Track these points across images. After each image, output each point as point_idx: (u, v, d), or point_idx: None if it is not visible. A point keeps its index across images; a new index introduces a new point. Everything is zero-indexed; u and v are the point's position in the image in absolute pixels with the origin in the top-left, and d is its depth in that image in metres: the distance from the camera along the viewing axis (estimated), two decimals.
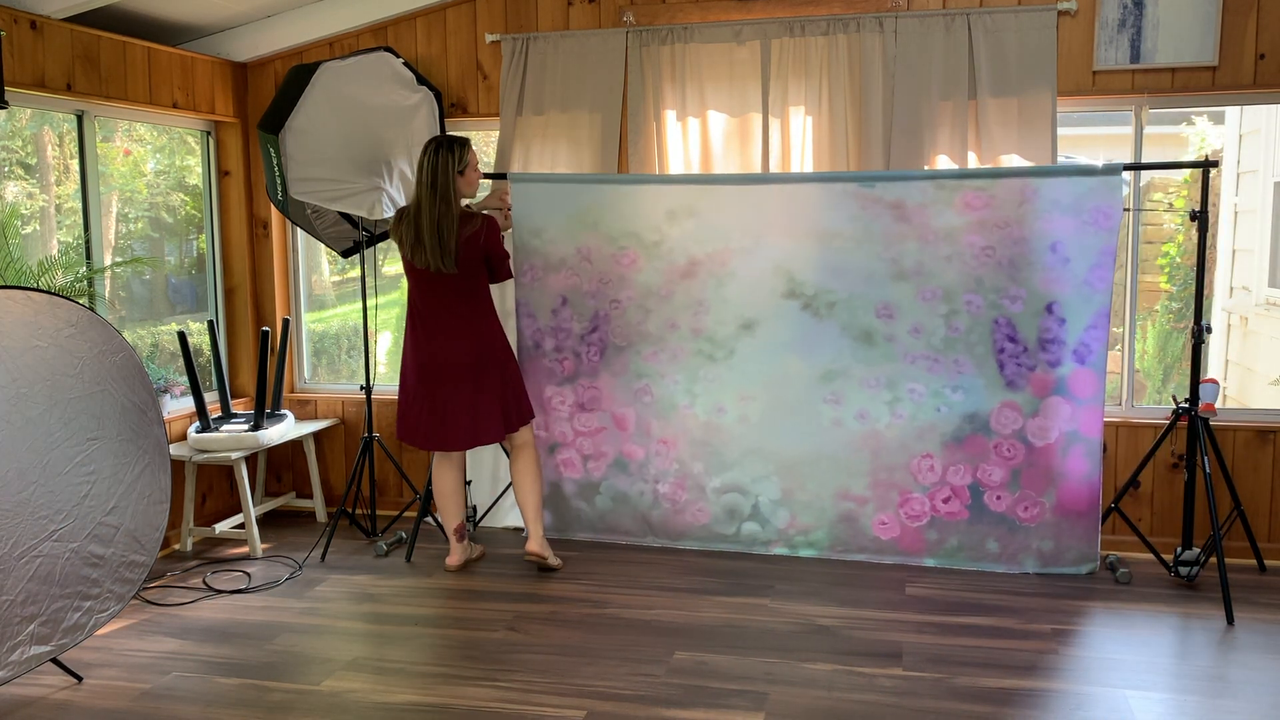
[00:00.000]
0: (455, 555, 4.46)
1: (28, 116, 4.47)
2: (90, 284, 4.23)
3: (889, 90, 4.54)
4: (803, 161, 4.69)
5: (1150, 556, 4.49)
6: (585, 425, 4.72)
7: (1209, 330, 4.14)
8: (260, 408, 4.83)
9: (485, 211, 4.46)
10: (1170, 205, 6.43)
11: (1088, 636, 3.68)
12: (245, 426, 4.78)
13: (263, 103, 5.22)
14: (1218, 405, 4.19)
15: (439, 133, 4.86)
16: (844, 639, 3.68)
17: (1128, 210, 4.46)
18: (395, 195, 4.69)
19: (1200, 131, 6.42)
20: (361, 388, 4.86)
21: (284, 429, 4.95)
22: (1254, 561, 4.42)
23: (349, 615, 3.97)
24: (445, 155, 4.08)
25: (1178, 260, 6.42)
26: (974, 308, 4.28)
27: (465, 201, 4.24)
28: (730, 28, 4.69)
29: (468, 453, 5.00)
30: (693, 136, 4.78)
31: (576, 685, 3.34)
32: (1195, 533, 4.49)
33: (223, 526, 4.85)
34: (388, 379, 6.22)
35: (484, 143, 5.96)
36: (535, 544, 4.33)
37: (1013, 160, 4.44)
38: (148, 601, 4.14)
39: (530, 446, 4.39)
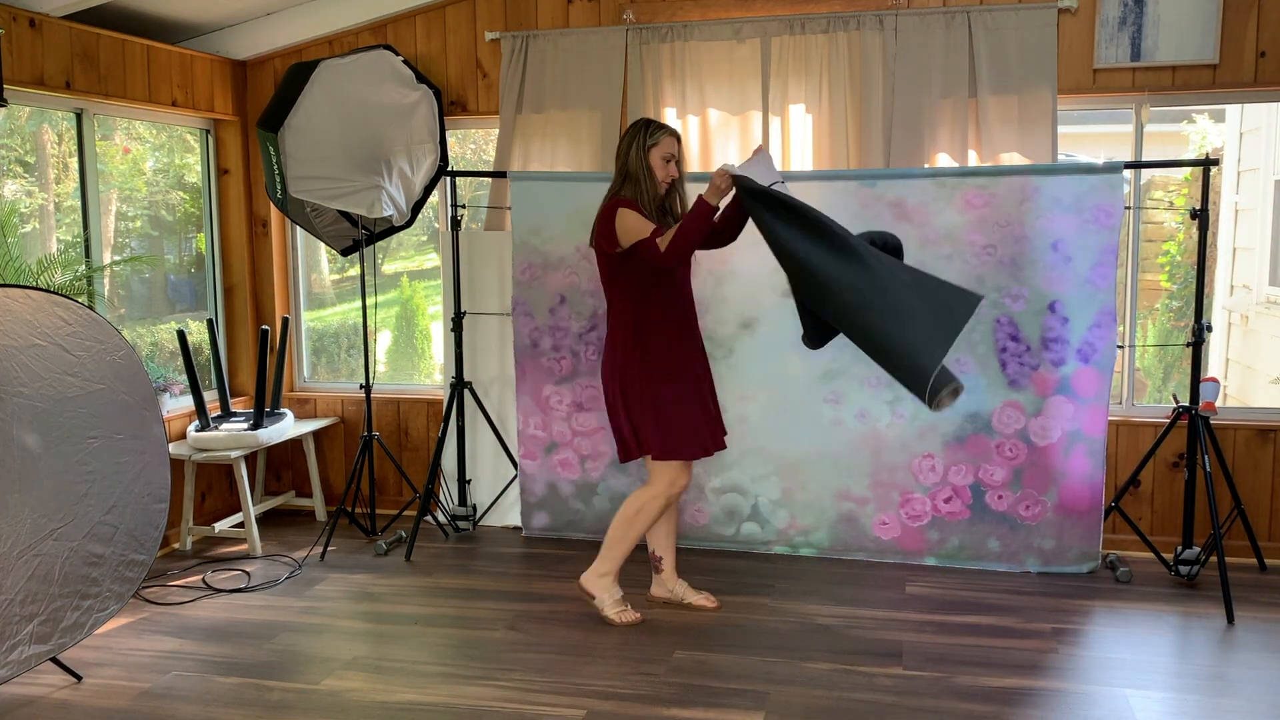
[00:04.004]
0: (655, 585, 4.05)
1: (27, 114, 4.47)
2: (89, 282, 4.23)
3: (889, 88, 4.53)
4: (803, 160, 4.68)
5: (1150, 555, 4.49)
6: (583, 425, 4.71)
7: (1209, 329, 4.13)
8: (260, 406, 4.82)
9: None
10: (1171, 203, 6.43)
11: (1088, 636, 3.68)
12: (244, 425, 4.77)
13: (262, 101, 5.21)
14: (1218, 404, 4.18)
15: (439, 132, 4.85)
16: (844, 638, 3.68)
17: (1128, 208, 4.45)
18: (395, 194, 4.68)
19: (1201, 129, 6.41)
20: (361, 386, 4.85)
21: (283, 428, 4.95)
22: (1254, 560, 4.41)
23: (349, 614, 3.97)
24: (636, 133, 3.71)
25: (1178, 259, 6.41)
26: None
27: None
28: (730, 25, 4.68)
29: (468, 451, 4.99)
30: (693, 134, 4.77)
31: (576, 685, 3.34)
32: (1196, 532, 4.49)
33: (222, 525, 4.84)
34: (387, 378, 6.22)
35: (484, 141, 5.96)
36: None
37: (1013, 158, 4.44)
38: (147, 600, 4.14)
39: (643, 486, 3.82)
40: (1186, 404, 4.13)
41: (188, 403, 4.93)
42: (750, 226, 3.77)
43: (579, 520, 4.78)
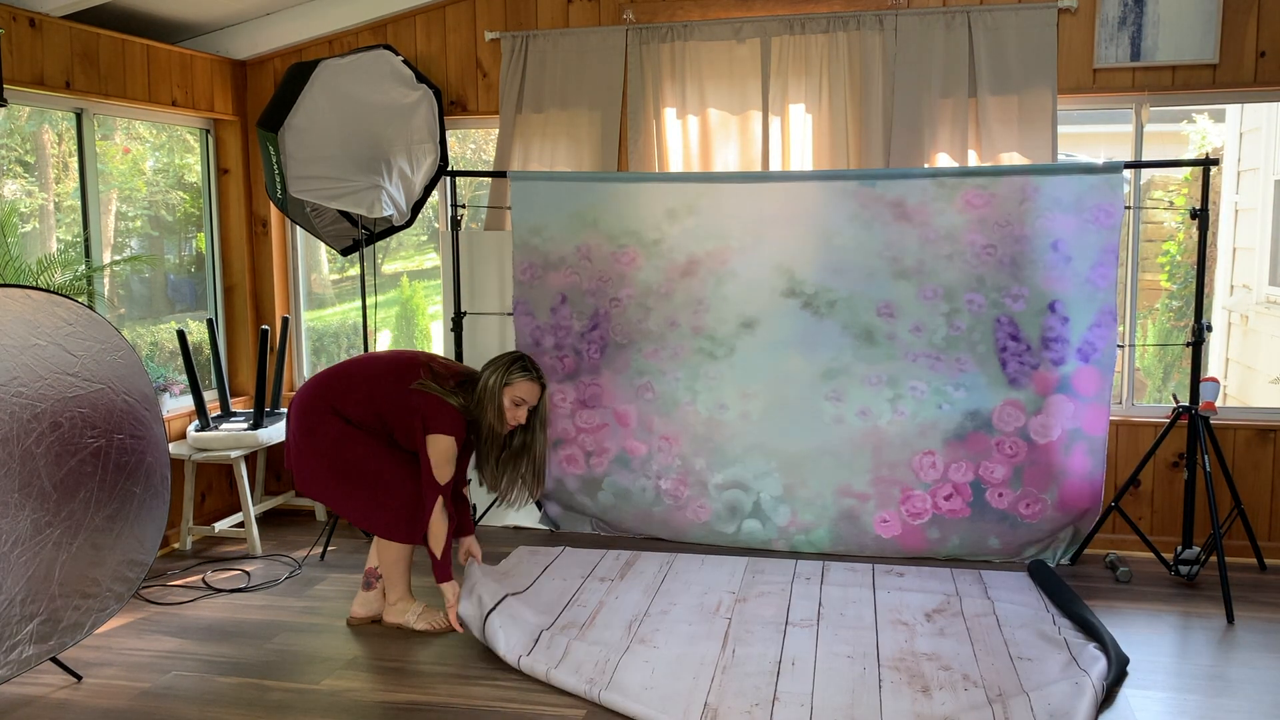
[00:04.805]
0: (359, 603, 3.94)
1: (27, 114, 4.47)
2: (89, 282, 4.23)
3: (889, 88, 4.54)
4: (803, 159, 4.68)
5: (1150, 555, 4.49)
6: (587, 422, 4.71)
7: (1209, 329, 4.13)
8: (260, 406, 4.82)
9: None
10: (1171, 203, 6.43)
11: None
12: (244, 425, 4.77)
13: (262, 100, 5.21)
14: (1218, 404, 4.18)
15: (438, 131, 4.85)
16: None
17: (1128, 208, 4.46)
18: (395, 193, 4.68)
19: (1201, 129, 6.41)
20: None
21: (283, 427, 4.95)
22: (1254, 560, 4.41)
23: (348, 614, 3.96)
24: (499, 364, 3.71)
25: (1178, 258, 6.42)
26: (976, 306, 4.28)
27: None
28: (730, 25, 4.68)
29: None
30: (693, 134, 4.77)
31: None
32: (1195, 531, 4.49)
33: (222, 525, 4.84)
34: None
35: (484, 140, 5.96)
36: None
37: (1013, 158, 4.44)
38: (147, 600, 4.13)
39: None
40: (1186, 404, 4.13)
41: (188, 402, 4.93)
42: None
43: (585, 515, 4.79)
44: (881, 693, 3.18)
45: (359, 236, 4.79)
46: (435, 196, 5.18)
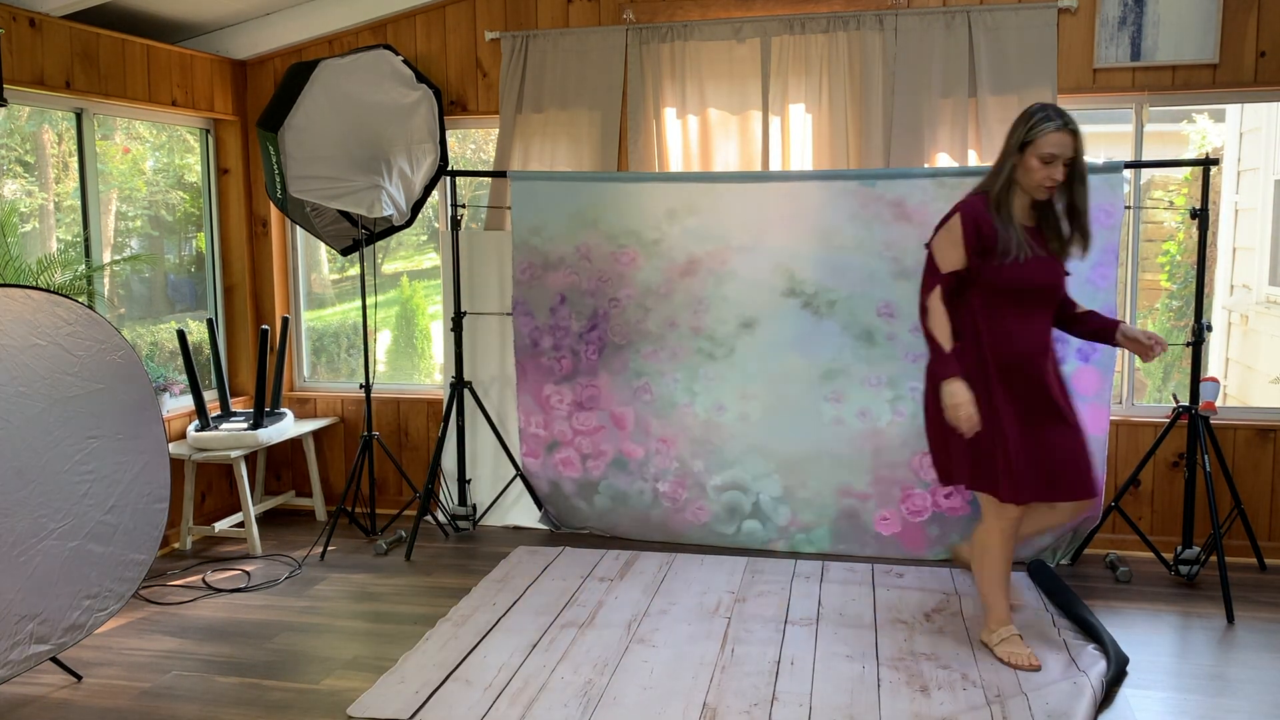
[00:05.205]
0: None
1: (27, 114, 4.47)
2: (89, 282, 4.23)
3: (889, 88, 4.53)
4: (803, 159, 4.68)
5: (1150, 555, 4.48)
6: (584, 424, 4.71)
7: (1209, 328, 4.13)
8: (259, 406, 4.82)
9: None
10: (1171, 203, 6.43)
11: None
12: (244, 425, 4.77)
13: (262, 100, 5.21)
14: (1218, 404, 4.18)
15: (438, 131, 4.85)
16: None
17: (1128, 208, 4.45)
18: (395, 193, 4.68)
19: (1201, 129, 6.41)
20: (361, 386, 4.85)
21: (283, 428, 4.95)
22: (1254, 560, 4.41)
23: (348, 614, 3.96)
24: (1019, 122, 3.22)
25: (1178, 258, 6.41)
26: None
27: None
28: (730, 25, 4.68)
29: (468, 450, 4.99)
30: (693, 134, 4.77)
31: None
32: (1195, 531, 4.49)
33: (222, 525, 4.84)
34: (386, 377, 6.22)
35: (484, 140, 5.95)
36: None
37: None
38: (147, 600, 4.13)
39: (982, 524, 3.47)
40: (1186, 404, 4.13)
41: (188, 402, 4.93)
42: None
43: (580, 518, 4.79)
44: (880, 693, 3.18)
45: (359, 236, 4.79)
46: (435, 196, 5.18)
